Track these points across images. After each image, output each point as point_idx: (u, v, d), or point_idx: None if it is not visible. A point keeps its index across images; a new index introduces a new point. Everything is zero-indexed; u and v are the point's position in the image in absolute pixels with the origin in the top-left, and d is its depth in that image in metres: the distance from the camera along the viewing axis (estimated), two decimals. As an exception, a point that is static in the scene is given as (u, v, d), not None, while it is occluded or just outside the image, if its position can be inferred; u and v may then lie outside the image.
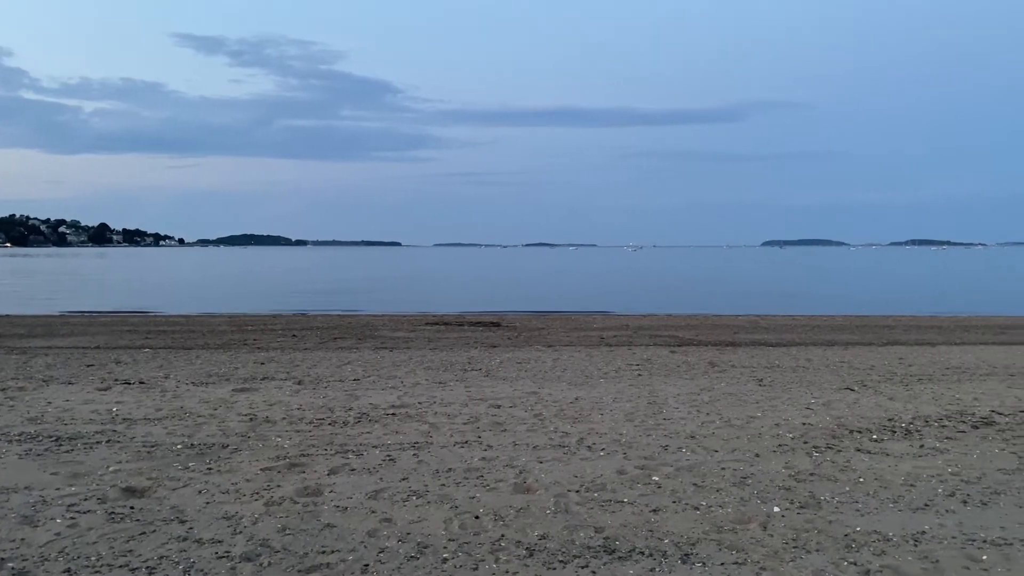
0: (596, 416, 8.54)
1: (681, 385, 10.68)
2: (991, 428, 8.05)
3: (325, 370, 11.93)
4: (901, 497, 5.79)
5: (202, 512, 5.40)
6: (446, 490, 5.88)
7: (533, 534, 5.00)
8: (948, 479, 6.25)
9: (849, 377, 11.50)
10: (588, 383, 10.81)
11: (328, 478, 6.20)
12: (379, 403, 9.17)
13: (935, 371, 12.16)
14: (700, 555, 4.69)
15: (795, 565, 4.54)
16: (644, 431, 7.84)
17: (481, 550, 4.75)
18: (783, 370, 12.27)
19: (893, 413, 8.76)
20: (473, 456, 6.84)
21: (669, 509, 5.50)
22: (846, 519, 5.31)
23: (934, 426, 8.12)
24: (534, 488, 5.94)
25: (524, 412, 8.71)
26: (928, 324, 22.58)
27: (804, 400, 9.54)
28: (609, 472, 6.38)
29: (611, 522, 5.22)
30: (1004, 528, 5.16)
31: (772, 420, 8.38)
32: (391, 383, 10.66)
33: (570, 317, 25.33)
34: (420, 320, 22.33)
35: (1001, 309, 30.51)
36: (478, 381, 10.89)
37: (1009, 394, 10.02)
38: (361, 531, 5.05)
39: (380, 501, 5.64)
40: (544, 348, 15.36)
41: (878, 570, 4.48)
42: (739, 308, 31.02)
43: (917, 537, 4.99)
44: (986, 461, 6.78)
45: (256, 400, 9.40)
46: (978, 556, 4.69)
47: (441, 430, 7.80)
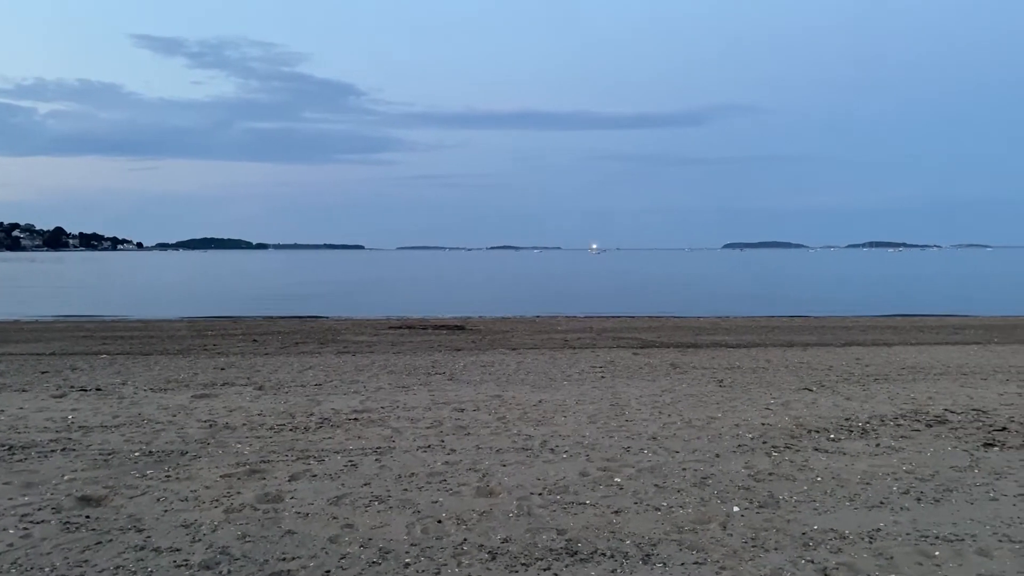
0: (559, 419, 8.57)
1: (643, 387, 10.75)
2: (944, 426, 8.23)
3: (286, 375, 11.81)
4: (857, 495, 5.89)
5: (160, 520, 5.32)
6: (408, 495, 5.86)
7: (496, 537, 5.01)
8: (903, 477, 6.38)
9: (808, 378, 11.68)
10: (552, 386, 10.84)
11: (289, 484, 6.15)
12: (341, 408, 9.11)
13: (891, 371, 12.40)
14: (661, 555, 4.73)
15: (754, 564, 4.61)
16: (607, 433, 7.89)
17: (443, 554, 4.75)
18: (743, 371, 12.42)
19: (850, 413, 8.91)
20: (436, 460, 6.82)
21: (631, 510, 5.54)
22: (804, 518, 5.40)
23: (890, 425, 8.28)
24: (497, 491, 5.95)
25: (488, 415, 8.71)
26: (885, 325, 23.01)
27: (763, 401, 9.67)
28: (572, 474, 6.41)
29: (573, 524, 5.25)
30: (956, 524, 5.28)
31: (732, 421, 8.48)
32: (353, 388, 10.59)
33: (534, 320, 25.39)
34: (383, 324, 22.24)
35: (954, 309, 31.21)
36: (442, 385, 10.87)
37: (962, 393, 10.25)
38: (322, 537, 5.01)
39: (342, 507, 5.60)
40: (508, 351, 15.37)
41: (835, 568, 4.56)
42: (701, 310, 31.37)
43: (872, 534, 5.08)
44: (939, 459, 6.93)
45: (216, 406, 9.28)
46: (931, 552, 4.80)
47: (404, 435, 7.77)
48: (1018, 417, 8.65)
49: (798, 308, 31.97)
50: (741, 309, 31.69)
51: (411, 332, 19.71)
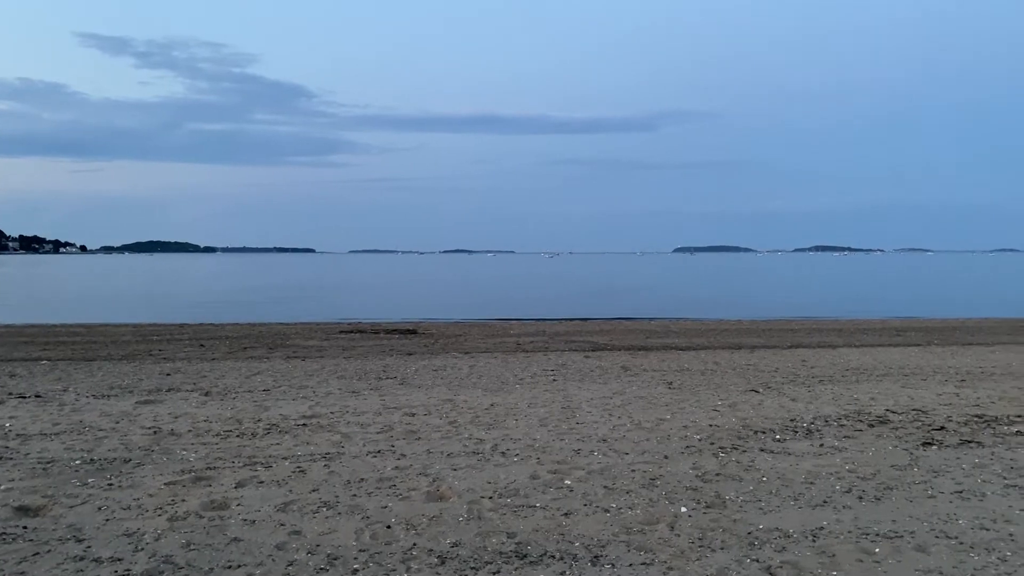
0: (511, 422, 8.58)
1: (594, 389, 10.83)
2: (886, 426, 8.43)
3: (234, 380, 11.63)
4: (801, 495, 6.01)
5: (101, 530, 5.20)
6: (358, 500, 5.82)
7: (445, 542, 5.00)
8: (845, 476, 6.52)
9: (755, 379, 11.88)
10: (504, 389, 10.85)
11: (235, 491, 6.05)
12: (290, 414, 9.00)
13: (835, 372, 12.68)
14: (609, 557, 4.76)
15: (700, 564, 4.67)
16: (557, 436, 7.92)
17: (392, 560, 4.72)
18: (692, 373, 12.58)
19: (795, 413, 9.09)
20: (386, 465, 6.78)
21: (580, 512, 5.57)
22: (749, 517, 5.48)
23: (833, 425, 8.47)
24: (447, 496, 5.93)
25: (439, 420, 8.68)
26: (830, 327, 23.51)
27: (711, 402, 9.81)
28: (522, 477, 6.42)
29: (523, 527, 5.26)
30: (895, 522, 5.41)
31: (681, 422, 8.59)
32: (303, 393, 10.47)
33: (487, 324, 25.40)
34: (334, 328, 22.03)
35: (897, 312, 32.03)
36: (393, 389, 10.80)
37: (903, 393, 10.52)
38: (269, 544, 4.94)
39: (289, 513, 5.53)
40: (461, 355, 15.34)
41: (779, 566, 4.65)
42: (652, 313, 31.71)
43: (816, 533, 5.19)
44: (880, 458, 7.10)
45: (161, 412, 9.10)
46: (871, 549, 4.91)
47: (353, 440, 7.71)
48: (956, 417, 8.91)
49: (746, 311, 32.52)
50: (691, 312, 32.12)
51: (362, 336, 19.56)
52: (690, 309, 34.41)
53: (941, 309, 34.08)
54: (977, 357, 14.92)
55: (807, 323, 25.72)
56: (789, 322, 26.31)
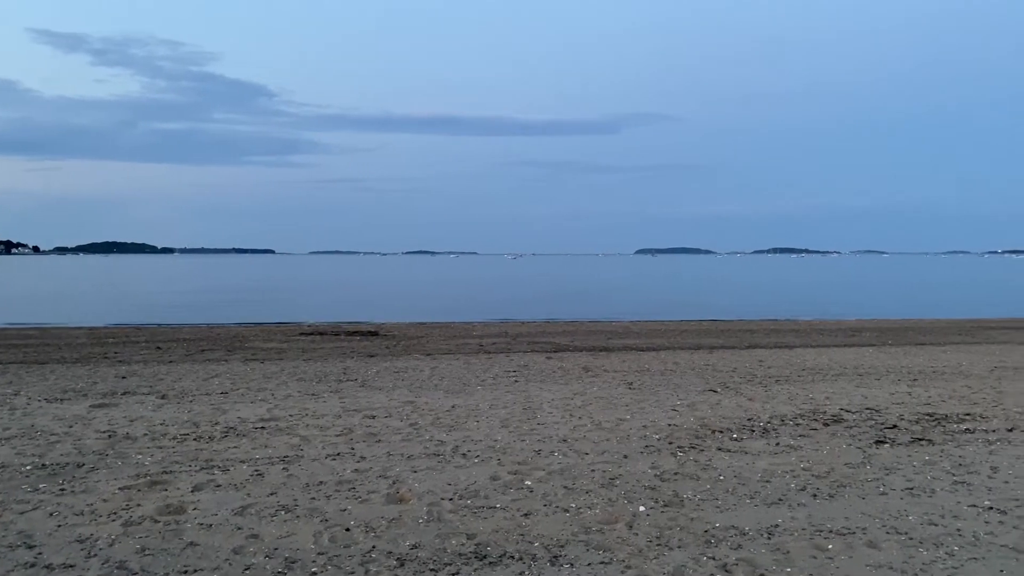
0: (472, 423, 8.59)
1: (556, 390, 10.88)
2: (840, 425, 8.60)
3: (191, 383, 11.47)
4: (757, 493, 6.11)
5: (53, 536, 5.10)
6: (316, 503, 5.78)
7: (405, 544, 4.99)
8: (800, 474, 6.64)
9: (713, 379, 12.03)
10: (465, 391, 10.85)
11: (192, 495, 5.98)
12: (248, 417, 8.90)
13: (791, 372, 12.88)
14: (568, 556, 4.80)
15: (658, 562, 4.72)
16: (518, 436, 7.95)
17: (351, 562, 4.70)
18: (652, 374, 12.69)
19: (752, 413, 9.22)
20: (345, 468, 6.74)
21: (540, 512, 5.60)
22: (706, 516, 5.56)
23: (789, 424, 8.61)
24: (407, 498, 5.92)
25: (399, 422, 8.66)
26: (787, 328, 23.86)
27: (671, 402, 9.92)
28: (483, 479, 6.43)
29: (483, 528, 5.27)
30: (848, 519, 5.53)
31: (640, 422, 8.67)
32: (261, 396, 10.36)
33: (449, 325, 25.32)
34: (294, 330, 21.80)
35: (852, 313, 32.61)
36: (353, 392, 10.74)
37: (857, 393, 10.73)
38: (226, 548, 4.90)
39: (247, 517, 5.48)
40: (422, 357, 15.29)
41: (734, 563, 4.72)
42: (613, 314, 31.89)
43: (771, 530, 5.28)
44: (834, 456, 7.24)
45: (116, 416, 8.94)
46: (824, 546, 5.01)
47: (313, 443, 7.66)
48: (908, 415, 9.11)
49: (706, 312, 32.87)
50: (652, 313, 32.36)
51: (323, 338, 19.39)
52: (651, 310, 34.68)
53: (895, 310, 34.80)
54: (929, 357, 15.27)
55: (765, 324, 26.08)
56: (747, 323, 26.65)
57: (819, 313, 32.68)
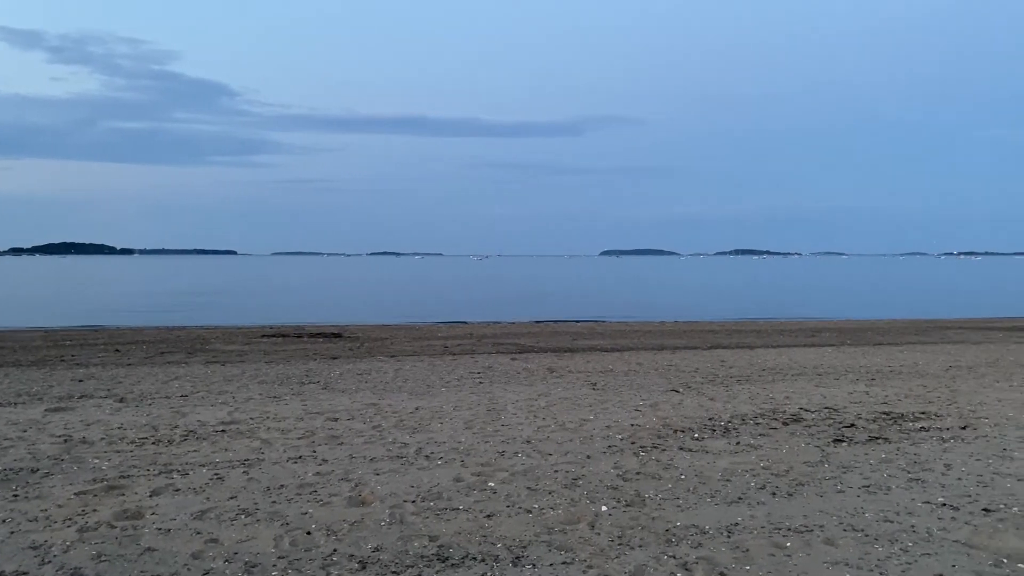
0: (436, 425, 8.57)
1: (520, 391, 10.89)
2: (799, 424, 8.72)
3: (150, 386, 11.30)
4: (718, 492, 6.17)
5: (5, 543, 4.99)
6: (277, 507, 5.73)
7: (367, 547, 4.96)
8: (760, 473, 6.72)
9: (675, 379, 12.14)
10: (429, 393, 10.82)
11: (150, 500, 5.89)
12: (208, 420, 8.79)
13: (752, 372, 13.04)
14: (531, 557, 4.81)
15: (619, 562, 4.75)
16: (482, 438, 7.95)
17: (312, 566, 4.66)
18: (616, 374, 12.77)
19: (714, 412, 9.32)
20: (307, 471, 6.69)
21: (503, 513, 5.61)
22: (668, 515, 5.61)
23: (750, 424, 8.72)
24: (369, 500, 5.89)
25: (362, 424, 8.61)
26: (748, 329, 24.16)
27: (634, 402, 9.99)
28: (446, 480, 6.42)
29: (446, 530, 5.26)
30: (806, 516, 5.61)
31: (604, 422, 8.72)
32: (222, 398, 10.24)
33: (414, 327, 25.25)
34: (256, 332, 21.58)
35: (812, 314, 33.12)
36: (315, 394, 10.66)
37: (816, 392, 10.90)
38: (185, 553, 4.83)
39: (206, 521, 5.41)
40: (386, 358, 15.23)
41: (695, 562, 4.76)
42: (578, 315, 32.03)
43: (731, 529, 5.34)
44: (793, 455, 7.35)
45: (72, 420, 8.78)
46: (783, 543, 5.08)
47: (274, 446, 7.58)
48: (865, 414, 9.27)
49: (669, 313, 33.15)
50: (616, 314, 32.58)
51: (285, 340, 19.22)
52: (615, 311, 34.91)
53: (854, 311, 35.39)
54: (886, 357, 15.55)
55: (727, 324, 26.37)
56: (710, 323, 26.94)
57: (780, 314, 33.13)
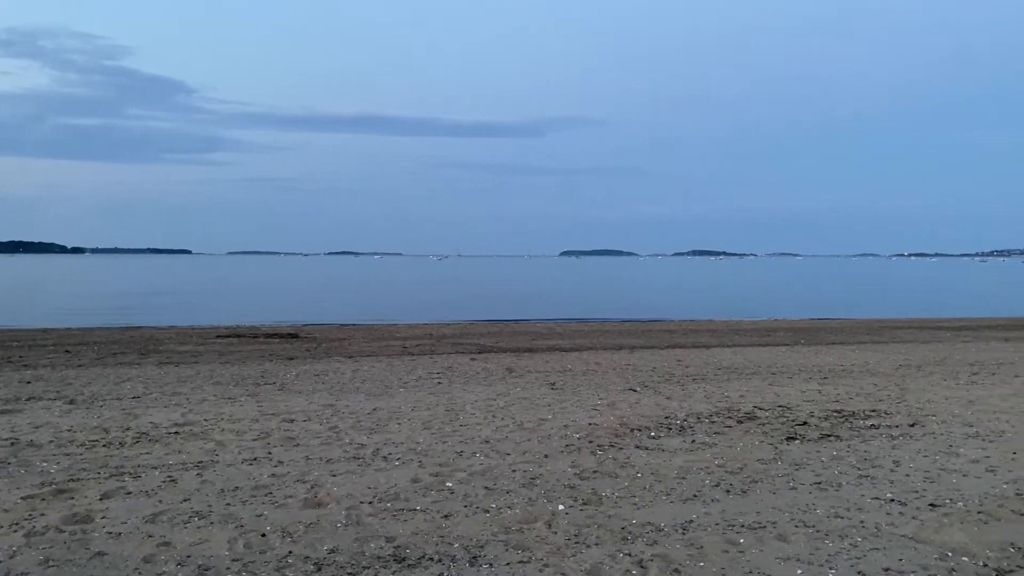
0: (393, 426, 8.53)
1: (479, 391, 10.90)
2: (753, 422, 8.86)
3: (101, 388, 11.07)
4: (673, 490, 6.24)
5: (-52, 550, 4.86)
6: (231, 509, 5.66)
7: (323, 548, 4.93)
8: (715, 471, 6.81)
9: (633, 379, 12.24)
10: (388, 393, 10.77)
11: (100, 503, 5.78)
12: (161, 421, 8.65)
13: (708, 371, 13.21)
14: (488, 556, 4.82)
15: (576, 560, 4.78)
16: (440, 438, 7.93)
17: (267, 568, 4.62)
18: (574, 374, 12.84)
19: (670, 411, 9.42)
20: (262, 473, 6.62)
21: (460, 514, 5.61)
22: (624, 513, 5.66)
23: (705, 422, 8.83)
24: (325, 502, 5.85)
25: (319, 425, 8.54)
26: (705, 328, 24.45)
27: (592, 402, 10.05)
28: (403, 481, 6.40)
29: (403, 531, 5.25)
30: (759, 513, 5.70)
31: (562, 422, 8.76)
32: (175, 400, 10.08)
33: (373, 327, 25.09)
34: (211, 333, 21.25)
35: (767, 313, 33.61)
36: (271, 395, 10.54)
37: (770, 391, 11.07)
38: (136, 557, 4.75)
39: (158, 524, 5.33)
40: (344, 359, 15.11)
41: (650, 559, 4.82)
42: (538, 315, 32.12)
43: (686, 526, 5.40)
44: (747, 453, 7.46)
45: (19, 422, 8.57)
46: (736, 540, 5.16)
47: (228, 448, 7.49)
48: (817, 412, 9.44)
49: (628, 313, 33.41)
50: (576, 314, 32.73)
51: (241, 341, 18.96)
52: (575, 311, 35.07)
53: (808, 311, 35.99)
54: (839, 356, 15.85)
55: (684, 324, 26.65)
56: (667, 323, 27.20)
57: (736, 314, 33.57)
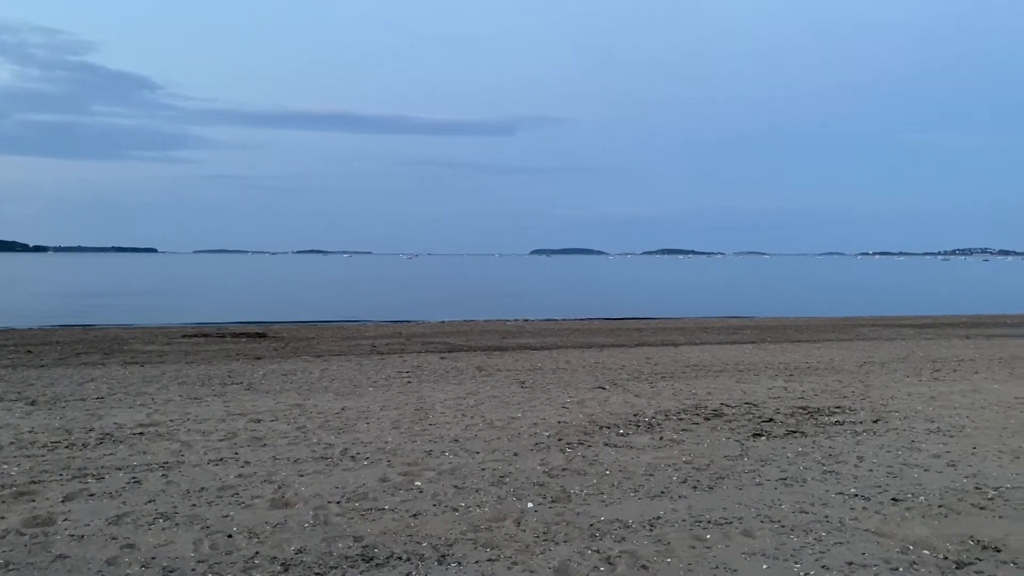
0: (362, 425, 8.49)
1: (449, 390, 10.88)
2: (720, 419, 8.94)
3: (64, 388, 10.89)
4: (641, 486, 6.28)
5: (-97, 555, 4.76)
6: (197, 510, 5.60)
7: (290, 549, 4.89)
8: (682, 467, 6.87)
9: (602, 377, 12.30)
10: (356, 392, 10.72)
11: (62, 505, 5.69)
12: (125, 422, 8.53)
13: (676, 369, 13.31)
14: (456, 555, 4.82)
15: (544, 557, 4.80)
16: (409, 437, 7.91)
17: (233, 569, 4.58)
18: (544, 372, 12.88)
19: (638, 409, 9.49)
20: (228, 473, 6.56)
21: (429, 512, 5.60)
22: (592, 510, 5.69)
23: (673, 419, 8.90)
24: (293, 502, 5.81)
25: (286, 425, 8.47)
26: (673, 327, 24.63)
27: (561, 400, 10.09)
28: (372, 481, 6.38)
29: (371, 530, 5.23)
30: (726, 509, 5.76)
31: (531, 420, 8.78)
32: (140, 400, 9.95)
33: (342, 326, 24.93)
34: (177, 332, 21.00)
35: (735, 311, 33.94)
36: (238, 395, 10.44)
37: (737, 388, 11.19)
38: (99, 560, 4.69)
39: (122, 526, 5.26)
40: (312, 359, 15.01)
41: (618, 555, 4.85)
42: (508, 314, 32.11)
43: (653, 522, 5.44)
44: (714, 449, 7.53)
45: (-22, 425, 8.40)
46: (703, 536, 5.21)
47: (194, 448, 7.41)
48: (783, 409, 9.56)
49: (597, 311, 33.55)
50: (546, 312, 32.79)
51: (207, 341, 18.75)
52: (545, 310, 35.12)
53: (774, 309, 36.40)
54: (804, 353, 16.06)
55: (653, 322, 26.83)
56: (637, 322, 27.37)
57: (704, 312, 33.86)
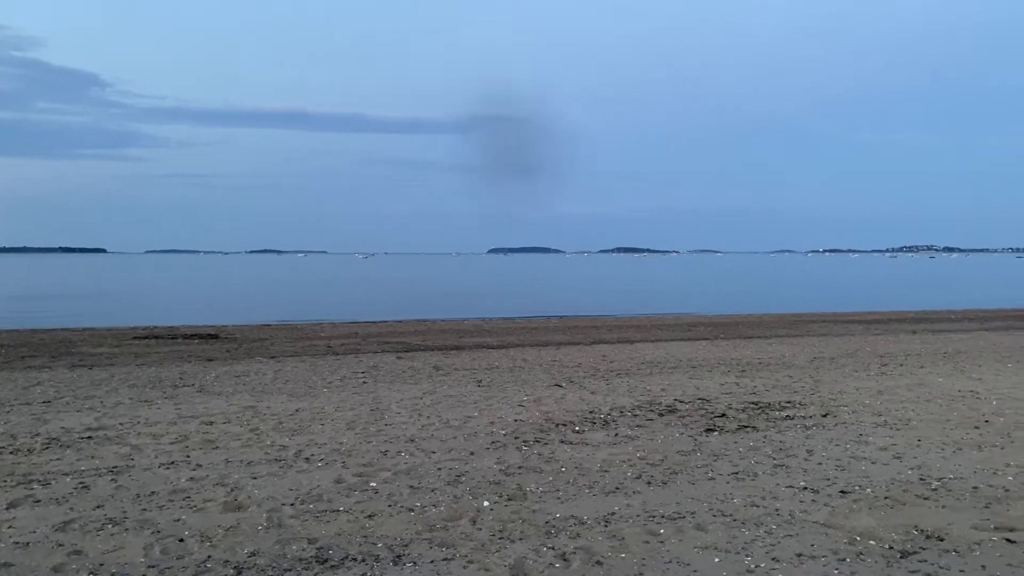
0: (316, 427, 8.43)
1: (405, 390, 10.84)
2: (674, 415, 9.05)
3: (8, 392, 10.62)
4: (596, 483, 6.34)
5: None
6: (148, 514, 5.51)
7: (243, 552, 4.84)
8: (636, 463, 6.94)
9: (559, 375, 12.37)
10: (311, 394, 10.63)
11: (7, 512, 5.56)
12: (73, 426, 8.35)
13: (632, 366, 13.43)
14: (412, 555, 4.81)
15: (499, 555, 4.82)
16: (365, 438, 7.87)
17: (185, 573, 4.52)
18: (501, 371, 12.90)
19: (594, 406, 9.56)
20: (180, 477, 6.46)
21: (384, 513, 5.58)
22: (548, 507, 5.72)
23: (628, 416, 8.98)
24: (246, 505, 5.75)
25: (239, 427, 8.37)
26: (629, 324, 24.83)
27: (518, 398, 10.12)
28: (326, 482, 6.34)
29: (325, 532, 5.20)
30: (679, 504, 5.84)
31: (488, 419, 8.80)
32: (88, 404, 9.74)
33: (296, 326, 24.65)
34: (127, 334, 20.57)
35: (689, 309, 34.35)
36: (190, 397, 10.28)
37: (690, 384, 11.33)
38: (45, 567, 4.59)
39: (69, 532, 5.15)
40: (266, 360, 14.83)
41: (572, 552, 4.88)
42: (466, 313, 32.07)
43: (607, 518, 5.50)
44: (668, 445, 7.62)
45: (-83, 431, 8.15)
46: (657, 530, 5.27)
47: (144, 452, 7.28)
48: (735, 404, 9.71)
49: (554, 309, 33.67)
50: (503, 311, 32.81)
51: (158, 342, 18.41)
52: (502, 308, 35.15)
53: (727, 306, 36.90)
54: (756, 349, 16.32)
55: (609, 320, 27.01)
56: (593, 319, 27.53)
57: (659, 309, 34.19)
